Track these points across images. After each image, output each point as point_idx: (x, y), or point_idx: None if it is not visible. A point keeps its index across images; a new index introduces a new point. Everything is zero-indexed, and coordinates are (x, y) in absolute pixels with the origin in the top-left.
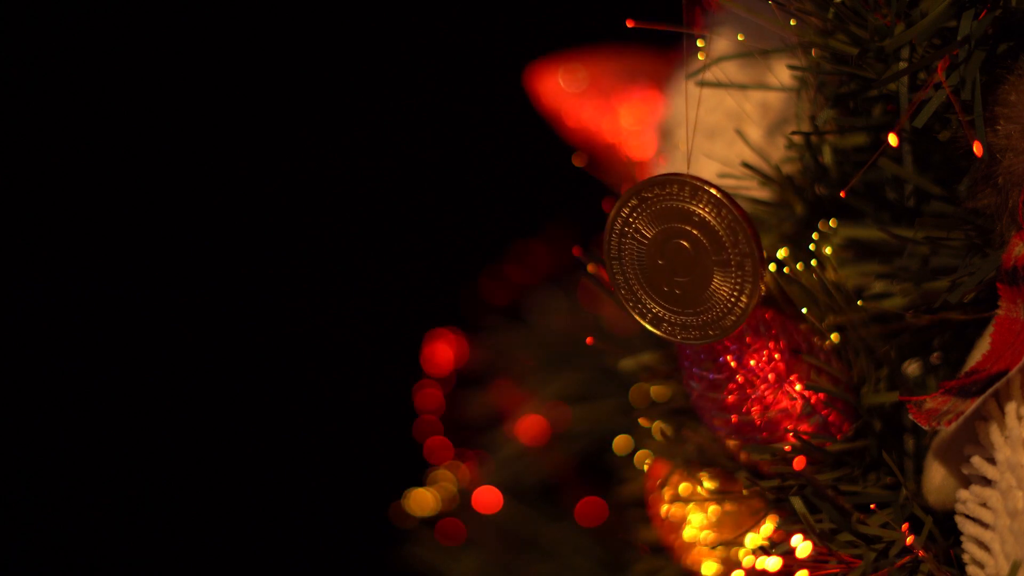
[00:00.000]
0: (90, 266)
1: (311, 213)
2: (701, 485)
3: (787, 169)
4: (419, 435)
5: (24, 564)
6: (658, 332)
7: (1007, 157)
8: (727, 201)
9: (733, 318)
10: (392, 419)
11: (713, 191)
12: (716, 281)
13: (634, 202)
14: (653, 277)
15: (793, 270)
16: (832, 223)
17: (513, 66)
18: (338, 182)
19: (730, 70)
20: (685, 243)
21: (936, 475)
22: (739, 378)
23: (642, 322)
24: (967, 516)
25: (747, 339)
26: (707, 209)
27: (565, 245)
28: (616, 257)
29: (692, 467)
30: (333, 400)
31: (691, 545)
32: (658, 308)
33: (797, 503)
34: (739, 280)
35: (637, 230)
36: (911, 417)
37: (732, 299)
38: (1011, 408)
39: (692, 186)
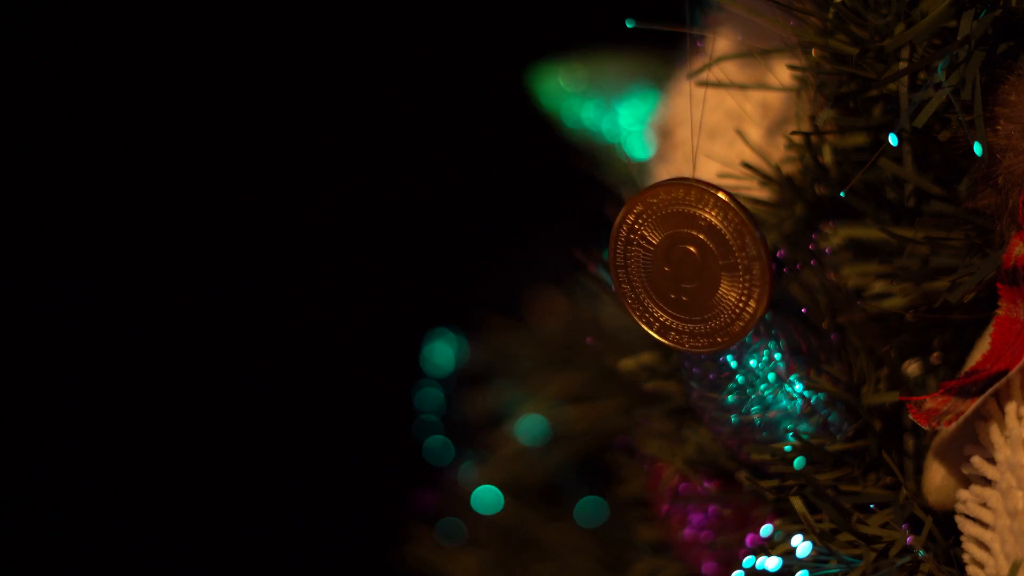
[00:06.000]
0: (90, 266)
1: (311, 213)
2: (701, 485)
3: (787, 169)
4: (419, 435)
5: (24, 564)
6: (666, 341)
7: (1007, 157)
8: (734, 204)
9: (742, 324)
10: (392, 419)
11: (720, 194)
12: (723, 287)
13: (639, 208)
14: (660, 285)
15: (793, 270)
16: (832, 224)
17: (513, 66)
18: (338, 182)
19: (730, 70)
20: (692, 248)
21: (936, 475)
22: (739, 378)
23: (650, 332)
24: (967, 516)
25: (747, 339)
26: (713, 213)
27: (565, 245)
28: (622, 265)
29: (692, 467)
30: (333, 400)
31: (691, 545)
32: (665, 316)
33: (797, 503)
34: (747, 285)
35: (643, 237)
36: (911, 417)
37: (740, 304)
38: (1011, 408)
39: (698, 189)
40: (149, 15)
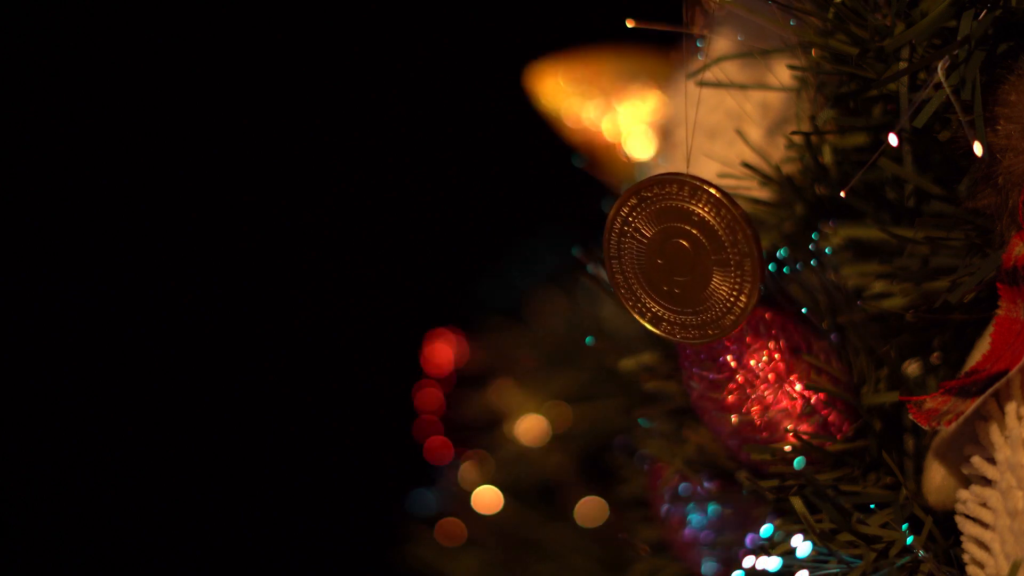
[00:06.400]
0: (90, 266)
1: (311, 213)
2: (701, 485)
3: (787, 169)
4: (419, 435)
5: (24, 564)
6: (657, 331)
7: (1007, 157)
8: (726, 201)
9: (732, 318)
10: (392, 419)
11: (712, 191)
12: (715, 281)
13: (633, 201)
14: (652, 276)
15: (793, 270)
16: (832, 224)
17: (513, 66)
18: (338, 182)
19: (730, 70)
20: (684, 243)
21: (936, 475)
22: (739, 378)
23: (641, 321)
24: (967, 516)
25: (747, 339)
26: (706, 209)
27: (565, 245)
28: (616, 256)
29: (692, 467)
30: (334, 400)
31: (691, 545)
32: (657, 307)
33: (797, 503)
34: (738, 280)
35: (637, 229)
36: (911, 417)
37: (731, 299)
38: (1011, 408)
39: (692, 186)
40: (149, 15)
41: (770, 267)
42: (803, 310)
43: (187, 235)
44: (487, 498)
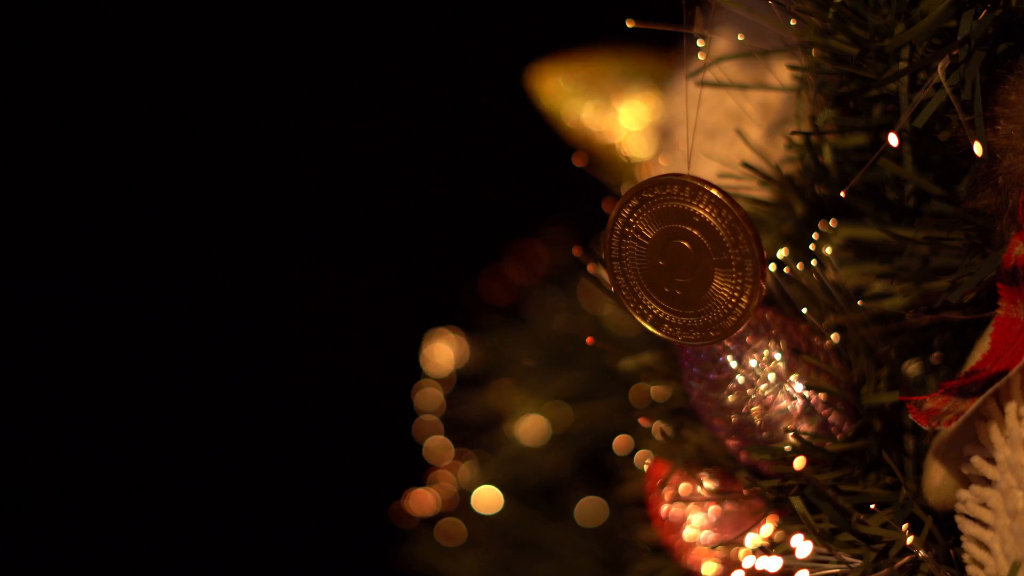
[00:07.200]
0: (90, 266)
1: (311, 213)
2: (701, 485)
3: (787, 169)
4: (419, 435)
5: (24, 564)
6: (659, 333)
7: (1007, 157)
8: (727, 202)
9: (734, 319)
10: (392, 419)
11: (714, 191)
12: (717, 282)
13: (635, 202)
14: (654, 278)
15: (793, 270)
16: (832, 223)
17: (513, 66)
18: (338, 182)
19: (730, 70)
20: (686, 244)
21: (936, 475)
22: (739, 378)
23: (643, 323)
24: (967, 516)
25: (747, 339)
26: (708, 210)
27: (565, 245)
28: (617, 258)
29: (692, 467)
30: (334, 400)
31: (691, 545)
32: (659, 309)
33: (797, 503)
34: (740, 281)
35: (638, 231)
36: (911, 417)
37: (733, 300)
38: (1011, 408)
39: (693, 186)
40: (149, 15)
41: (770, 267)
42: (803, 310)
43: (187, 235)
44: (487, 498)
